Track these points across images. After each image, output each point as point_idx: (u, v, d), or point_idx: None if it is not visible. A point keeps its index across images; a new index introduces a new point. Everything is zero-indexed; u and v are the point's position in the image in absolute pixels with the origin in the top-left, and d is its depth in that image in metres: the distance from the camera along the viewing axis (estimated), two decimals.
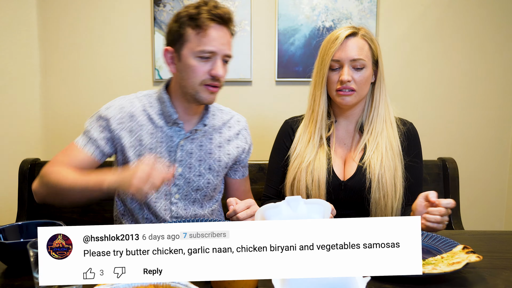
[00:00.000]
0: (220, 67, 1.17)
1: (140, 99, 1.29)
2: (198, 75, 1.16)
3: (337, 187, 1.26)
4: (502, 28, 2.41)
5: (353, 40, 1.24)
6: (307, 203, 0.90)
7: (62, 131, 2.44)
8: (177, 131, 1.26)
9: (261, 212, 0.88)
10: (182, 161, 1.26)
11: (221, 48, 1.16)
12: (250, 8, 2.36)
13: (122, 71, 2.42)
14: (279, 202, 0.89)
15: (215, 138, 1.32)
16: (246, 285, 0.74)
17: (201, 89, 1.18)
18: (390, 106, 1.31)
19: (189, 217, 1.29)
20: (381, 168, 1.22)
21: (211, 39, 1.15)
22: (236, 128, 1.38)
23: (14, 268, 0.85)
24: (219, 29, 1.16)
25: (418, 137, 1.33)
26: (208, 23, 1.14)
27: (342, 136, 1.34)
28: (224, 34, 1.18)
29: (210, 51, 1.15)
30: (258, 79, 2.44)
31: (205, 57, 1.16)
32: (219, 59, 1.17)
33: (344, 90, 1.23)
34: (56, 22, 2.38)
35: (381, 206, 1.23)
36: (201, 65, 1.16)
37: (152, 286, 0.63)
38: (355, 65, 1.23)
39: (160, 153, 1.24)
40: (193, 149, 1.28)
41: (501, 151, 2.49)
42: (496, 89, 2.45)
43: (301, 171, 1.27)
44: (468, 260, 0.82)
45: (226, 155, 1.33)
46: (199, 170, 1.28)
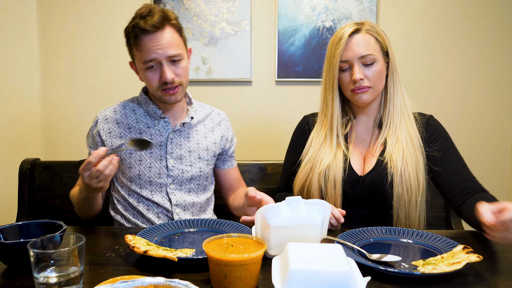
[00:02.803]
0: (167, 72, 1.20)
1: (123, 106, 1.36)
2: (153, 84, 1.24)
3: (355, 183, 1.24)
4: (502, 27, 2.41)
5: (357, 37, 1.21)
6: (307, 203, 0.90)
7: (62, 131, 2.44)
8: (165, 126, 1.33)
9: (261, 212, 0.88)
10: (173, 153, 1.32)
11: (160, 53, 1.19)
12: (250, 8, 2.36)
13: (122, 71, 2.41)
14: (279, 203, 0.89)
15: (200, 129, 1.40)
16: (246, 286, 0.74)
17: (161, 94, 1.25)
18: (407, 98, 1.28)
19: (188, 205, 1.34)
20: (403, 162, 1.19)
21: (147, 50, 1.20)
22: (217, 119, 1.46)
23: (14, 268, 0.85)
24: (152, 37, 1.19)
25: (440, 125, 1.28)
26: (140, 37, 1.20)
27: (361, 133, 1.32)
28: (159, 39, 1.19)
29: (150, 60, 1.20)
30: (258, 79, 2.44)
31: (150, 66, 1.21)
32: (165, 63, 1.21)
33: (358, 89, 1.21)
34: (56, 22, 2.39)
35: (405, 201, 1.19)
36: (151, 74, 1.23)
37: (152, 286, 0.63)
38: (364, 61, 1.20)
39: (151, 149, 1.30)
40: (181, 141, 1.35)
41: (501, 151, 2.49)
42: (496, 89, 2.45)
43: (314, 175, 1.25)
44: (468, 260, 0.82)
45: (213, 144, 1.41)
46: (189, 160, 1.35)
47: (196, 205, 1.37)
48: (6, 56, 2.12)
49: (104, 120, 1.33)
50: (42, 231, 0.91)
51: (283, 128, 2.46)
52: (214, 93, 2.43)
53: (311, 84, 2.44)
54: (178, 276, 0.81)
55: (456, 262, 0.82)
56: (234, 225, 1.09)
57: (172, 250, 0.90)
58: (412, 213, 1.20)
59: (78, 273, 0.71)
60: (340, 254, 0.77)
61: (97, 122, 1.33)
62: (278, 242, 0.88)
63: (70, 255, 0.70)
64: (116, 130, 1.31)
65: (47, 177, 1.63)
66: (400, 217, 1.20)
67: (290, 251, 0.77)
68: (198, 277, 0.82)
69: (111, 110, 1.35)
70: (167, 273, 0.83)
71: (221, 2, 2.37)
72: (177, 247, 0.96)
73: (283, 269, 0.75)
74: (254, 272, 0.75)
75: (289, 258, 0.74)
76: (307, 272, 0.70)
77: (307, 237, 0.89)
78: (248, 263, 0.73)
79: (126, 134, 1.31)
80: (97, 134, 1.32)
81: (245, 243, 0.81)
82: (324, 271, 0.71)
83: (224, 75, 2.40)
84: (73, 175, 1.63)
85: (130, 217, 1.32)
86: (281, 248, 0.87)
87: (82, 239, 0.73)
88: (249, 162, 1.71)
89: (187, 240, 1.03)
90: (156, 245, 0.94)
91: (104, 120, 1.33)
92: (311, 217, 0.89)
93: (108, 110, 1.36)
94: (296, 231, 0.88)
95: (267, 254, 0.89)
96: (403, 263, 0.87)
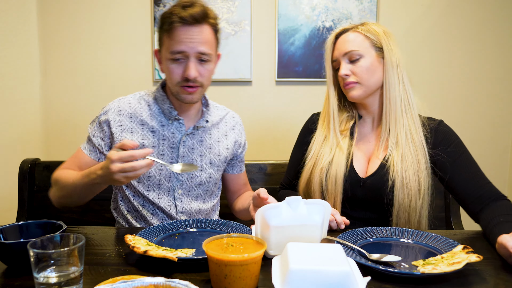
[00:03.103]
0: (192, 69, 1.16)
1: (138, 99, 1.30)
2: (174, 77, 1.19)
3: (356, 184, 1.23)
4: (502, 27, 2.41)
5: (343, 36, 1.26)
6: (307, 203, 0.90)
7: (62, 131, 2.44)
8: (178, 127, 1.28)
9: (261, 212, 0.88)
10: (185, 156, 1.29)
11: (191, 47, 1.15)
12: (250, 8, 2.36)
13: (122, 71, 2.42)
14: (279, 203, 0.89)
15: (213, 133, 1.36)
16: (246, 286, 0.74)
17: (180, 90, 1.20)
18: (412, 97, 1.25)
19: (194, 212, 1.32)
20: (402, 163, 1.18)
21: (179, 40, 1.15)
22: (231, 123, 1.42)
23: (14, 268, 0.85)
24: (188, 29, 1.15)
25: (451, 130, 1.26)
26: (176, 25, 1.15)
27: (366, 133, 1.32)
28: (194, 33, 1.16)
29: (178, 51, 1.16)
30: (258, 79, 2.44)
31: (176, 58, 1.17)
32: (192, 59, 1.17)
33: (346, 85, 1.24)
34: (56, 22, 2.39)
35: (405, 206, 1.17)
36: (174, 67, 1.18)
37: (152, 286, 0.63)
38: (350, 57, 1.23)
39: (162, 150, 1.26)
40: (194, 145, 1.30)
41: (501, 151, 2.49)
42: (496, 89, 2.45)
43: (315, 170, 1.26)
44: (468, 260, 0.82)
45: (225, 149, 1.37)
46: (200, 165, 1.31)
47: (202, 213, 1.34)
48: (6, 56, 2.12)
49: (117, 112, 1.26)
50: (42, 231, 0.91)
51: (283, 128, 2.46)
52: (214, 93, 2.43)
53: (311, 84, 2.44)
54: (178, 276, 0.80)
55: (456, 262, 0.82)
56: (234, 225, 1.09)
57: (172, 250, 0.90)
58: (412, 217, 1.19)
59: (78, 273, 0.71)
60: (340, 254, 0.77)
61: (108, 112, 1.26)
62: (278, 242, 0.88)
63: (70, 255, 0.70)
64: (128, 124, 1.25)
65: (47, 177, 1.63)
66: (399, 222, 1.20)
67: (290, 251, 0.77)
68: (198, 277, 0.81)
69: (125, 102, 1.28)
70: (167, 273, 0.83)
71: (221, 2, 2.37)
72: (177, 247, 0.96)
73: (283, 269, 0.75)
74: (254, 272, 0.75)
75: (289, 258, 0.74)
76: (307, 272, 0.70)
77: (307, 237, 0.89)
78: (248, 263, 0.73)
79: (138, 130, 1.25)
80: (105, 123, 1.25)
81: (245, 243, 0.81)
82: (324, 271, 0.71)
83: (224, 75, 2.40)
84: None
85: (132, 220, 1.30)
86: (281, 248, 0.87)
87: (82, 239, 0.73)
88: (249, 162, 1.71)
89: (187, 240, 1.03)
90: (156, 245, 0.94)
91: (116, 112, 1.26)
92: (311, 217, 0.89)
93: (122, 101, 1.29)
94: (296, 231, 0.88)
95: (267, 254, 0.89)
96: (403, 263, 0.87)
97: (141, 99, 1.30)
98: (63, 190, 1.17)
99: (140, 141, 1.25)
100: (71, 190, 1.14)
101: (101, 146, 1.25)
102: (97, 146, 1.25)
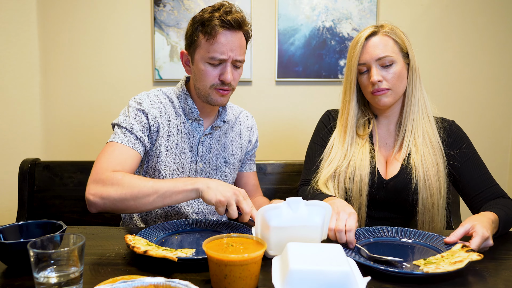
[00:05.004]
0: (229, 73, 1.19)
1: (164, 95, 1.30)
2: (208, 79, 1.21)
3: (379, 186, 1.24)
4: (502, 27, 2.41)
5: (374, 39, 1.22)
6: (307, 204, 0.90)
7: (62, 131, 2.44)
8: (197, 127, 1.31)
9: (261, 213, 0.88)
10: (203, 156, 1.32)
11: (230, 55, 1.18)
12: (250, 8, 2.36)
13: (122, 71, 2.42)
14: (279, 203, 0.89)
15: (228, 133, 1.39)
16: (246, 286, 0.74)
17: (212, 92, 1.22)
18: (427, 100, 1.26)
19: (209, 213, 1.34)
20: (423, 166, 1.20)
21: (220, 46, 1.17)
22: (245, 123, 1.46)
23: (14, 268, 0.85)
24: (229, 35, 1.17)
25: (462, 132, 1.28)
26: (218, 30, 1.16)
27: (383, 136, 1.32)
28: (234, 39, 1.18)
29: (220, 59, 1.18)
30: (258, 79, 2.44)
31: (215, 63, 1.19)
32: (229, 64, 1.20)
33: (377, 91, 1.21)
34: (56, 22, 2.39)
35: (429, 206, 1.20)
36: (211, 69, 1.20)
37: (152, 286, 0.63)
38: (382, 63, 1.20)
39: (184, 149, 1.28)
40: (212, 144, 1.33)
41: (501, 151, 2.49)
42: (496, 88, 2.45)
43: (339, 178, 1.24)
44: (470, 258, 0.82)
45: (239, 148, 1.40)
46: (216, 164, 1.35)
47: (216, 213, 1.35)
48: (6, 56, 2.12)
49: (150, 105, 1.24)
50: (42, 231, 0.91)
51: (283, 128, 2.46)
52: None
53: (311, 84, 2.44)
54: (178, 276, 0.80)
55: (458, 261, 0.82)
56: (234, 225, 1.09)
57: (172, 250, 0.90)
58: (435, 216, 1.22)
59: (78, 273, 0.71)
60: (340, 254, 0.77)
61: (142, 104, 1.23)
62: (278, 243, 0.88)
63: (70, 255, 0.70)
64: (159, 119, 1.24)
65: (47, 177, 1.63)
66: (424, 222, 1.22)
67: (290, 251, 0.77)
68: (198, 277, 0.82)
69: (153, 97, 1.26)
70: (167, 273, 0.83)
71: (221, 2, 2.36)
72: (177, 247, 0.96)
73: (283, 269, 0.75)
74: (254, 272, 0.75)
75: (289, 258, 0.74)
76: (307, 272, 0.70)
77: (306, 238, 0.89)
78: (248, 263, 0.73)
79: (164, 127, 1.25)
80: (143, 113, 1.22)
81: (245, 243, 0.81)
82: (324, 271, 0.71)
83: None
84: (73, 175, 1.64)
85: (140, 224, 1.31)
86: (281, 249, 0.86)
87: (82, 239, 0.73)
88: None
89: (187, 240, 1.03)
90: (156, 245, 0.94)
91: (149, 104, 1.24)
92: (311, 218, 0.89)
93: (151, 96, 1.27)
94: (296, 232, 0.88)
95: (267, 254, 0.89)
96: (404, 263, 0.87)
97: (166, 95, 1.30)
98: (129, 194, 1.05)
99: (167, 136, 1.26)
100: (146, 195, 1.05)
101: (141, 137, 1.21)
102: (139, 137, 1.20)
